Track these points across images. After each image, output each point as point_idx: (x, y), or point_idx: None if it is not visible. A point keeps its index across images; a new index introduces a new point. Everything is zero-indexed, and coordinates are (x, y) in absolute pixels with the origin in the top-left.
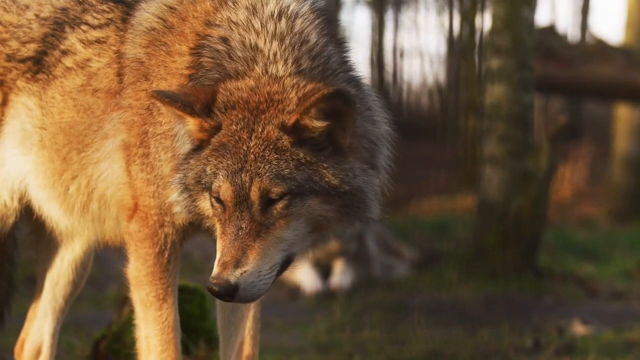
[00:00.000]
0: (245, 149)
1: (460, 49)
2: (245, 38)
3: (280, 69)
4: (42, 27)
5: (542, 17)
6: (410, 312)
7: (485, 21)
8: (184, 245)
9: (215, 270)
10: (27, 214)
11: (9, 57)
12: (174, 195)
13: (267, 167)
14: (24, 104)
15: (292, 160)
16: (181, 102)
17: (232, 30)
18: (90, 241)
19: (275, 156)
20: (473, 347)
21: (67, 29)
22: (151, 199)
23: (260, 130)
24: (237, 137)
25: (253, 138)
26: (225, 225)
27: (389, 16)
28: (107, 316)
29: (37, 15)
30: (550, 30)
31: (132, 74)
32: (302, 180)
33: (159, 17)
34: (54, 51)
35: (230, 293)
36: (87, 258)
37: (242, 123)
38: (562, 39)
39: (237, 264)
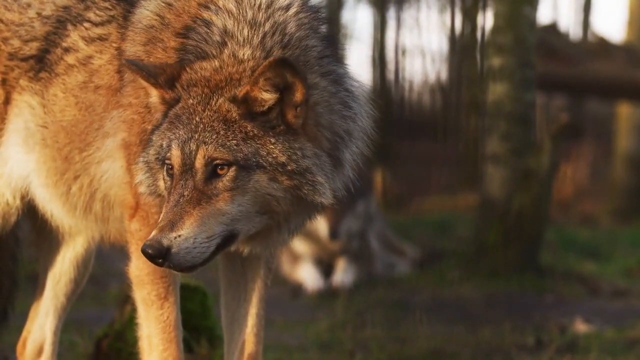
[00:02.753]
0: (198, 119)
1: (462, 48)
2: (225, 24)
3: (247, 53)
4: (45, 25)
5: (543, 15)
6: (412, 310)
7: (487, 19)
8: None
9: (152, 233)
10: (30, 212)
11: (11, 56)
12: (139, 176)
13: (214, 137)
14: (27, 103)
15: (240, 132)
16: (146, 72)
17: (217, 15)
18: (95, 240)
19: (224, 127)
20: (475, 345)
21: (70, 27)
22: (151, 197)
23: (213, 103)
24: (191, 110)
25: (206, 110)
26: (169, 194)
27: (391, 15)
28: (109, 314)
29: (39, 14)
30: (552, 28)
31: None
32: (249, 153)
33: (157, 15)
34: (56, 49)
35: (162, 255)
36: (89, 256)
37: (199, 98)
38: (564, 37)
39: (173, 227)
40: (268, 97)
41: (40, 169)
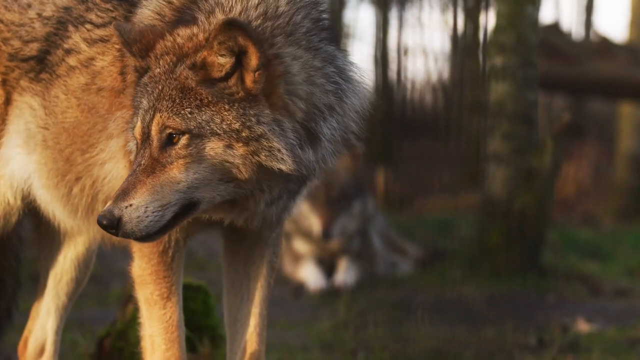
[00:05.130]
0: (160, 88)
1: (464, 47)
2: None
3: None
4: (45, 26)
5: (546, 15)
6: (414, 310)
7: (489, 19)
8: (188, 243)
9: (107, 203)
10: (31, 211)
11: (12, 57)
12: (130, 144)
13: (169, 105)
14: (28, 104)
15: (195, 99)
16: (125, 39)
17: None
18: (96, 240)
19: (180, 95)
20: (477, 345)
21: (71, 28)
22: None
23: (176, 71)
24: (156, 79)
25: (168, 79)
26: (132, 165)
27: (393, 14)
28: (112, 314)
29: (39, 15)
30: (555, 27)
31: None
32: (203, 121)
33: (157, 14)
34: (57, 50)
35: (113, 225)
36: (90, 255)
37: (166, 66)
38: (566, 36)
39: (125, 197)
40: (224, 61)
41: (41, 171)
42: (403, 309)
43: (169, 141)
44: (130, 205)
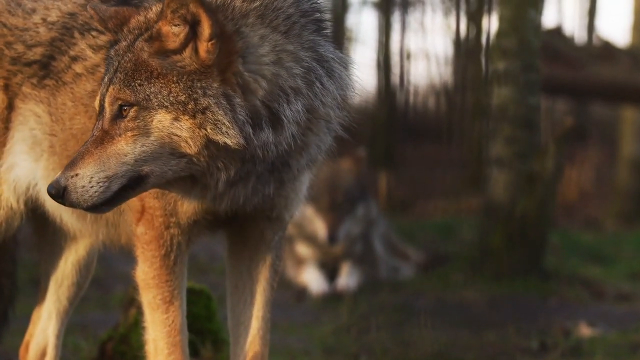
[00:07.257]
0: (118, 62)
1: (466, 51)
2: None
3: None
4: (50, 31)
5: (548, 19)
6: (416, 314)
7: (491, 23)
8: (190, 248)
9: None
10: (32, 215)
11: (14, 60)
12: None
13: (121, 77)
14: (32, 111)
15: (146, 71)
16: (100, 16)
17: None
18: (104, 244)
19: (133, 67)
20: (479, 348)
21: (77, 35)
22: (155, 200)
23: (136, 44)
24: (119, 53)
25: (127, 52)
26: None
27: (396, 18)
28: (114, 317)
29: (44, 19)
30: (557, 32)
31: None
32: (151, 93)
33: None
34: (63, 57)
35: (59, 194)
36: (91, 259)
37: (130, 40)
38: (568, 40)
39: (72, 167)
40: (177, 30)
41: (49, 177)
42: (405, 312)
43: (120, 113)
44: (76, 175)
